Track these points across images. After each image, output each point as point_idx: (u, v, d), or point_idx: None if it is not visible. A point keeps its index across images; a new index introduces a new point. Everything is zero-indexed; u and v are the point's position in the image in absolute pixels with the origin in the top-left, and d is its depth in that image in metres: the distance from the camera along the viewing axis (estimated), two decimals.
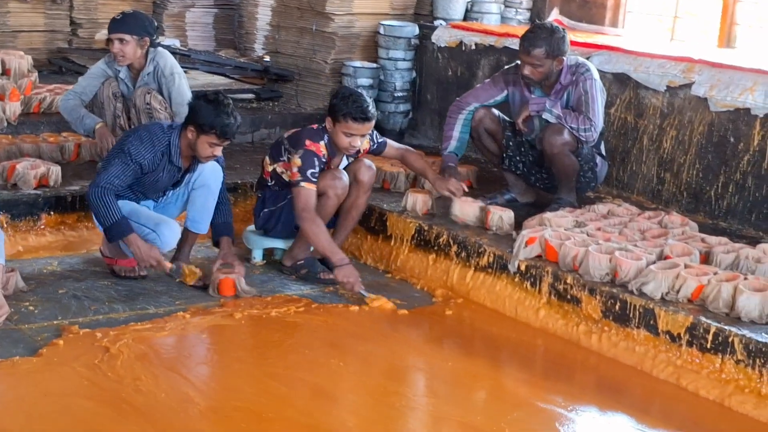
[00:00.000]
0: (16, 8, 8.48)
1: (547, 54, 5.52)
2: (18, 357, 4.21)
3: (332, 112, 5.21)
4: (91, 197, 4.91)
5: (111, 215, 4.89)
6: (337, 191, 5.27)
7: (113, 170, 4.93)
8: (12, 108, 6.57)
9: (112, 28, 5.76)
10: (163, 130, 5.05)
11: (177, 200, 5.25)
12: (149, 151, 4.98)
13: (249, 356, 4.51)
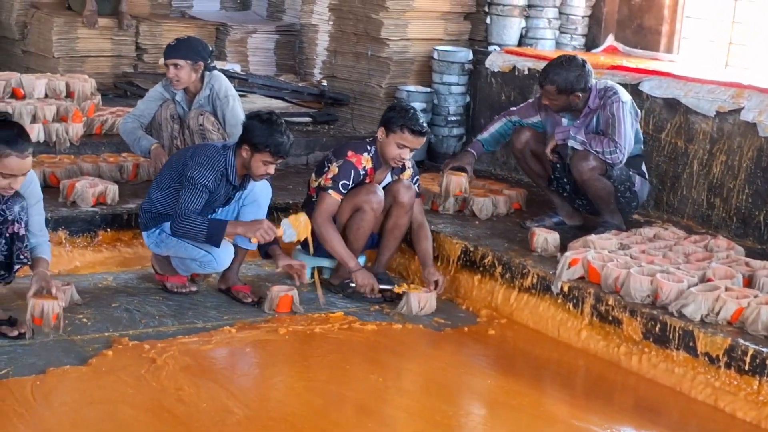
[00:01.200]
0: (85, 34, 8.74)
1: (559, 90, 5.62)
2: (68, 366, 4.36)
3: (387, 122, 5.35)
4: (175, 229, 5.07)
5: (200, 227, 5.02)
6: (372, 205, 5.37)
7: (186, 199, 5.07)
8: (75, 129, 6.79)
9: (167, 54, 5.95)
10: (219, 151, 5.18)
11: (227, 217, 5.38)
12: (211, 173, 5.11)
13: (290, 370, 4.62)
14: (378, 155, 5.46)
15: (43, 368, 4.30)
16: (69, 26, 8.68)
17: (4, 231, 4.49)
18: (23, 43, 9.08)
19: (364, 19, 7.82)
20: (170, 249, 5.24)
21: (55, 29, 8.60)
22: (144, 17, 9.16)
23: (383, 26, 7.66)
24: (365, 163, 5.44)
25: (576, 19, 7.74)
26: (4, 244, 4.50)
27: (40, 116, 6.60)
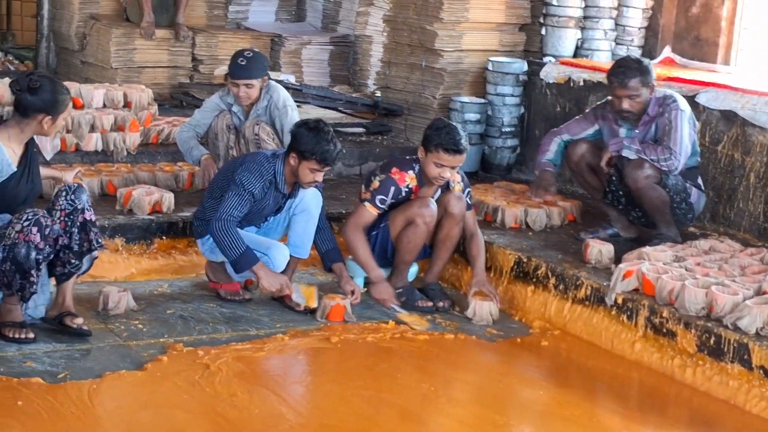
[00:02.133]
0: (142, 45, 8.90)
1: (642, 83, 5.63)
2: (124, 371, 4.45)
3: (425, 141, 5.39)
4: (213, 230, 5.13)
5: (236, 247, 5.09)
6: (425, 219, 5.41)
7: (230, 202, 5.16)
8: (132, 138, 6.92)
9: (240, 75, 5.95)
10: (268, 159, 5.28)
11: (278, 226, 5.46)
12: (258, 181, 5.20)
13: (341, 378, 4.67)
14: (422, 173, 5.50)
15: (100, 372, 4.39)
16: (127, 37, 8.83)
17: (75, 220, 4.65)
18: (82, 53, 9.26)
19: (419, 30, 7.87)
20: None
21: (114, 40, 8.76)
22: (200, 28, 9.29)
23: (438, 37, 7.71)
24: (409, 181, 5.48)
25: (632, 31, 7.73)
26: (77, 233, 4.65)
27: (98, 125, 6.74)
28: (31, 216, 4.52)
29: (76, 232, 4.69)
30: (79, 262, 4.75)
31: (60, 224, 4.66)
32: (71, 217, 4.68)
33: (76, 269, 4.76)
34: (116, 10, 9.32)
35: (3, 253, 4.52)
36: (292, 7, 10.11)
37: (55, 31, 9.81)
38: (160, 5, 9.01)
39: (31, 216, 4.51)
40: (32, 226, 4.50)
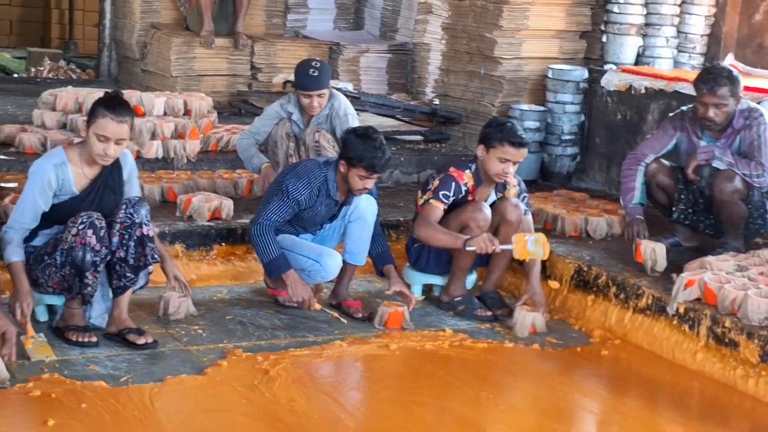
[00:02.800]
0: (202, 54, 9.05)
1: (731, 92, 5.58)
2: (185, 375, 4.52)
3: (486, 139, 5.42)
4: (251, 233, 5.24)
5: (270, 251, 5.18)
6: (479, 223, 5.42)
7: (271, 207, 5.24)
8: (191, 146, 7.03)
9: (313, 86, 5.95)
10: (319, 166, 5.32)
11: (334, 233, 5.50)
12: (306, 188, 5.25)
13: (400, 385, 4.70)
14: (479, 173, 5.52)
15: (161, 377, 4.47)
16: (187, 46, 8.99)
17: (133, 234, 4.71)
18: (143, 62, 9.43)
19: (478, 37, 7.90)
20: None
21: (174, 49, 8.92)
22: (259, 37, 9.42)
23: (497, 45, 7.73)
24: (467, 179, 5.51)
25: (694, 38, 7.69)
26: (133, 247, 4.72)
27: (159, 133, 6.86)
28: (86, 219, 4.60)
29: (132, 246, 4.74)
30: (135, 276, 4.81)
31: (118, 237, 4.73)
32: (129, 231, 4.72)
33: (131, 283, 4.82)
34: (176, 20, 9.49)
35: (62, 257, 4.62)
36: (350, 15, 10.21)
37: (116, 40, 10.01)
38: (219, 14, 9.14)
39: (85, 219, 4.60)
40: (87, 229, 4.59)
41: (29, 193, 4.67)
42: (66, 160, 4.70)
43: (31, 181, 4.69)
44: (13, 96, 9.21)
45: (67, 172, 4.69)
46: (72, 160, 4.71)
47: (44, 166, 4.67)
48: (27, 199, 4.68)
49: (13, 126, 7.07)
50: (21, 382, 4.27)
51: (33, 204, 4.67)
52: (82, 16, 15.11)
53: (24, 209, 4.68)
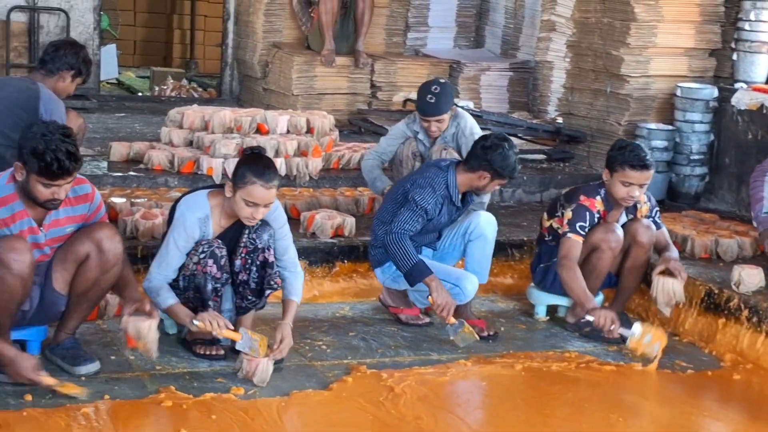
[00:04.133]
0: (323, 72, 9.20)
1: None
2: (311, 390, 4.62)
3: (610, 163, 5.42)
4: (387, 243, 5.24)
5: (409, 259, 5.20)
6: (610, 244, 5.40)
7: (403, 217, 5.28)
8: (314, 164, 7.17)
9: (430, 113, 5.98)
10: (439, 172, 5.35)
11: (454, 250, 5.54)
12: (431, 196, 5.30)
13: (526, 405, 4.71)
14: (608, 197, 5.51)
15: (288, 391, 4.57)
16: (308, 65, 9.15)
17: (255, 259, 4.81)
18: (264, 81, 9.64)
19: (604, 55, 7.88)
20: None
21: (295, 68, 9.09)
22: (379, 55, 9.54)
23: (624, 62, 7.70)
24: (598, 206, 5.50)
25: None
26: (255, 272, 4.82)
27: (282, 151, 7.01)
28: (207, 248, 4.73)
29: (254, 270, 4.84)
30: (257, 299, 4.91)
31: (241, 260, 4.84)
32: (252, 256, 4.82)
33: (252, 305, 4.93)
34: (298, 39, 9.67)
35: (184, 282, 4.77)
36: (471, 33, 10.26)
37: (238, 59, 10.25)
38: (340, 33, 9.29)
39: (206, 248, 4.73)
40: (208, 258, 4.72)
41: (173, 244, 4.73)
42: (209, 214, 4.76)
43: (176, 231, 4.74)
44: (139, 114, 9.52)
45: (209, 226, 4.77)
46: (214, 213, 4.77)
47: (190, 220, 4.72)
48: (171, 252, 4.74)
49: (142, 143, 7.32)
50: (152, 393, 4.41)
51: (178, 256, 4.74)
52: (203, 36, 15.50)
53: (168, 262, 4.74)
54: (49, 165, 4.20)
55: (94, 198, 4.61)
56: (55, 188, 4.28)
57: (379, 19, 9.69)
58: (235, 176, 4.67)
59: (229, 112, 7.22)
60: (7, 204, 4.33)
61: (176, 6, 15.71)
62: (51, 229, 4.47)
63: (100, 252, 4.50)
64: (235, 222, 4.80)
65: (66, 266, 4.53)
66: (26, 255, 4.28)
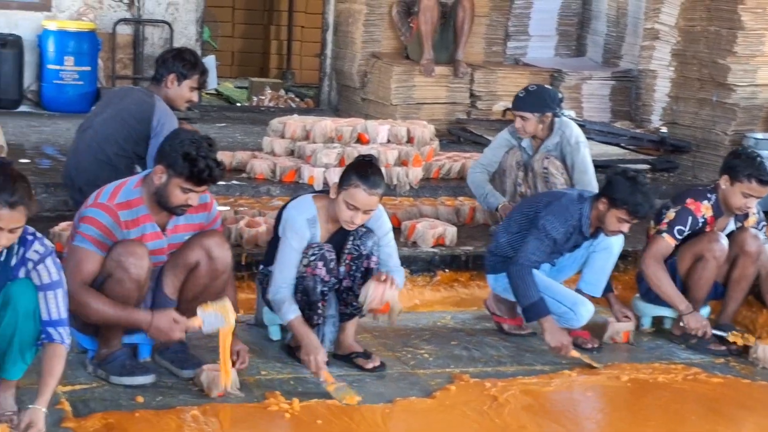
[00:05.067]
0: (422, 82, 9.30)
1: None
2: (414, 397, 4.68)
3: (732, 170, 5.37)
4: (511, 274, 5.24)
5: (530, 295, 5.19)
6: (714, 254, 5.37)
7: (530, 247, 5.24)
8: (414, 173, 7.25)
9: (515, 105, 6.17)
10: (574, 202, 5.32)
11: (574, 263, 5.51)
12: (562, 225, 5.27)
13: (632, 416, 4.70)
14: (719, 203, 5.47)
15: (391, 398, 4.64)
16: (407, 75, 9.26)
17: (360, 265, 4.90)
18: (363, 91, 9.78)
19: (710, 64, 7.83)
20: None
21: (394, 77, 9.21)
22: (478, 65, 9.61)
23: (730, 71, 7.64)
24: (704, 211, 5.46)
25: None
26: (359, 278, 4.91)
27: (382, 160, 7.10)
28: (317, 251, 4.83)
29: (359, 277, 4.92)
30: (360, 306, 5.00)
31: (345, 267, 4.93)
32: (356, 262, 4.91)
33: (356, 311, 5.01)
34: (397, 49, 9.79)
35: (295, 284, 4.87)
36: (572, 42, 10.26)
37: (337, 69, 10.41)
38: (440, 43, 9.38)
39: (317, 251, 4.83)
40: (318, 260, 4.82)
41: (288, 248, 4.83)
42: (316, 215, 4.86)
43: (287, 233, 4.84)
44: (239, 124, 9.74)
45: (317, 228, 4.87)
46: (320, 214, 4.87)
47: (298, 222, 4.83)
48: (288, 253, 4.83)
49: (244, 152, 7.49)
50: (258, 397, 4.53)
51: (294, 259, 4.83)
52: (300, 46, 15.75)
53: (287, 263, 4.82)
54: (201, 171, 4.35)
55: (212, 208, 4.75)
56: (192, 194, 4.44)
57: (479, 28, 9.76)
58: (341, 179, 4.78)
59: (330, 122, 7.35)
60: (133, 207, 4.49)
61: (274, 17, 15.99)
62: (172, 235, 4.62)
63: (210, 259, 4.62)
64: (341, 228, 4.90)
65: (176, 272, 4.67)
66: (144, 260, 4.43)
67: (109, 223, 4.44)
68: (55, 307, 3.93)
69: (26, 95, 9.84)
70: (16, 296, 3.87)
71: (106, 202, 4.48)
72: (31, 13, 9.40)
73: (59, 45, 9.59)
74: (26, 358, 3.97)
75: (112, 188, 4.55)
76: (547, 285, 5.28)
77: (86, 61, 9.67)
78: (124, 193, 4.52)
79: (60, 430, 4.05)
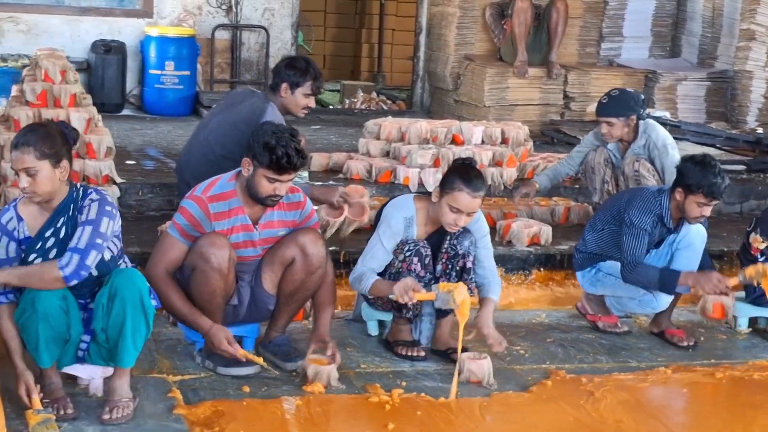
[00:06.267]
0: (515, 84, 9.42)
1: None
2: (510, 392, 4.81)
3: None
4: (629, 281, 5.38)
5: (654, 278, 5.31)
6: None
7: (628, 246, 5.35)
8: (509, 173, 7.38)
9: (599, 112, 6.32)
10: (654, 195, 5.45)
11: (659, 260, 5.58)
12: (648, 217, 5.38)
13: (727, 414, 4.77)
14: None
15: (487, 392, 4.77)
16: (500, 76, 9.38)
17: (456, 264, 5.05)
18: (456, 92, 9.92)
19: None
20: (606, 288, 5.58)
21: (488, 79, 9.33)
22: (572, 66, 9.68)
23: None
24: None
25: None
26: (455, 277, 5.06)
27: (477, 161, 7.19)
28: (413, 247, 4.99)
29: (454, 276, 5.07)
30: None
31: (442, 265, 5.08)
32: (452, 261, 5.06)
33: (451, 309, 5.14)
34: (490, 51, 9.92)
35: (389, 279, 5.03)
36: (667, 43, 10.28)
37: (429, 71, 10.57)
38: (533, 44, 9.49)
39: (412, 247, 4.99)
40: (413, 256, 4.98)
41: (378, 240, 5.04)
42: (414, 215, 5.04)
43: (381, 228, 5.06)
44: (333, 126, 9.96)
45: (414, 227, 5.05)
46: (419, 215, 5.04)
47: (396, 218, 5.02)
48: (376, 246, 5.04)
49: (340, 154, 7.69)
50: (359, 390, 4.70)
51: (382, 251, 5.03)
52: (391, 49, 15.93)
53: (374, 255, 5.03)
54: (280, 158, 4.54)
55: (305, 206, 4.93)
56: (278, 184, 4.62)
57: (573, 29, 9.84)
58: (443, 182, 4.92)
59: (425, 124, 7.51)
60: (225, 199, 4.71)
61: (365, 21, 16.20)
62: (265, 230, 4.82)
63: (305, 256, 4.81)
64: (438, 229, 5.05)
65: (273, 268, 4.87)
66: (225, 250, 4.63)
67: (198, 214, 4.65)
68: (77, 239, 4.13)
69: (129, 99, 10.20)
70: (121, 288, 4.12)
71: (200, 194, 4.71)
72: (134, 20, 9.74)
73: (160, 50, 9.92)
74: (138, 345, 4.20)
75: (209, 181, 4.79)
76: (620, 283, 5.43)
77: (186, 66, 10.00)
78: (218, 185, 4.74)
79: (172, 416, 4.27)
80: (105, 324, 4.17)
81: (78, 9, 10.13)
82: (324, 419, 4.39)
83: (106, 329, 4.17)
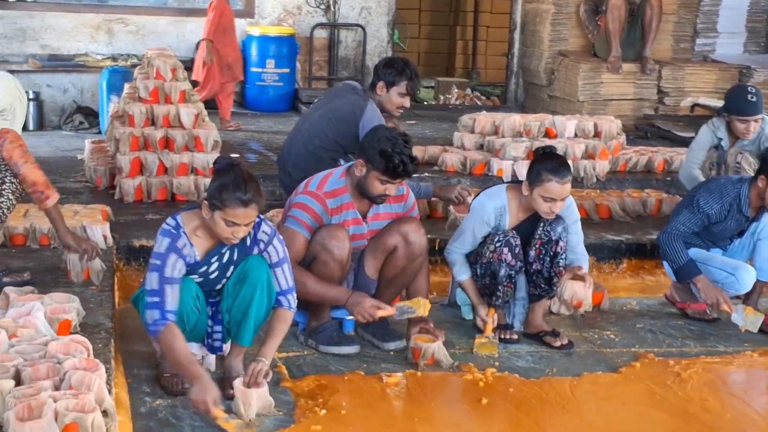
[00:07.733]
0: (609, 79, 9.59)
1: None
2: (600, 372, 5.06)
3: None
4: (660, 241, 5.70)
5: (679, 258, 5.60)
6: None
7: (680, 218, 5.66)
8: (601, 166, 7.58)
9: (753, 111, 6.30)
10: (733, 183, 5.64)
11: (742, 250, 5.79)
12: (717, 202, 5.60)
13: None
14: None
15: (578, 372, 5.02)
16: (594, 72, 9.56)
17: (549, 250, 5.30)
18: (549, 88, 10.13)
19: None
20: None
21: (582, 74, 9.52)
22: (666, 61, 9.82)
23: None
24: None
25: None
26: (548, 262, 5.31)
27: (570, 153, 7.47)
28: (503, 237, 5.26)
29: (547, 260, 5.32)
30: (549, 288, 5.38)
31: (535, 251, 5.34)
32: (545, 247, 5.31)
33: (545, 293, 5.41)
34: (584, 46, 10.11)
35: (481, 269, 5.32)
36: (762, 38, 10.35)
37: (523, 67, 10.80)
38: (627, 40, 9.65)
39: (502, 237, 5.26)
40: (503, 247, 5.24)
41: (468, 228, 5.36)
42: (506, 204, 5.31)
43: (473, 215, 5.37)
44: (428, 121, 10.25)
45: (506, 216, 5.32)
46: (511, 204, 5.31)
47: (487, 207, 5.30)
48: (466, 232, 5.36)
49: (435, 147, 7.98)
50: (453, 369, 4.99)
51: (472, 236, 5.34)
52: (485, 46, 16.17)
53: (463, 240, 5.37)
54: (396, 166, 4.85)
55: (408, 198, 5.24)
56: (390, 186, 4.94)
57: (667, 25, 9.97)
58: (530, 175, 5.17)
59: (518, 117, 7.76)
60: (338, 195, 5.03)
61: (459, 18, 16.47)
62: (372, 222, 5.13)
63: (407, 243, 5.11)
64: (530, 216, 5.31)
65: (376, 255, 5.18)
66: (345, 243, 4.96)
67: (320, 210, 4.98)
68: (284, 279, 4.51)
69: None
70: (251, 271, 4.45)
71: (315, 191, 5.02)
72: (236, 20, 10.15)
73: (261, 49, 10.33)
74: (257, 326, 4.54)
75: (320, 177, 5.10)
76: (706, 256, 5.65)
77: (285, 64, 10.38)
78: (330, 182, 5.05)
79: (279, 389, 4.61)
80: (230, 305, 4.51)
81: (183, 10, 10.60)
82: (421, 393, 4.68)
83: (230, 309, 4.51)
